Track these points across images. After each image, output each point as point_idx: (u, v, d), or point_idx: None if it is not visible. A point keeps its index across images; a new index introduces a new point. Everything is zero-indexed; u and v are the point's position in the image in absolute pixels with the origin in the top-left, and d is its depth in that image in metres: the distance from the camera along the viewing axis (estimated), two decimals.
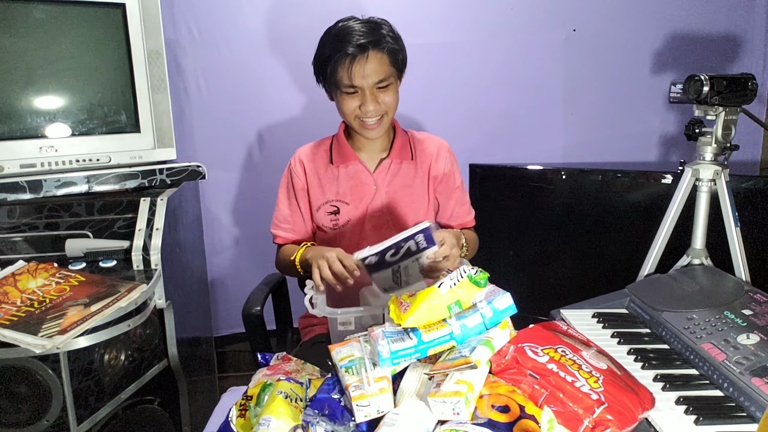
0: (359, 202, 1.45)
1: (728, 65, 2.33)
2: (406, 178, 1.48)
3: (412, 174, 1.48)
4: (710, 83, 1.39)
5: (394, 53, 1.36)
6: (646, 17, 2.26)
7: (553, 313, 1.22)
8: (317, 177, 1.47)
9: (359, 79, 1.32)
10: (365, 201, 1.45)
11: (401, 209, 1.46)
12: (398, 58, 1.38)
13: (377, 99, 1.36)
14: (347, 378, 0.89)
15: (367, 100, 1.34)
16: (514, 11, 2.22)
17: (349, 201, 1.45)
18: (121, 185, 1.52)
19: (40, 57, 1.48)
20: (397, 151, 1.47)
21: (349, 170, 1.46)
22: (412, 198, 1.47)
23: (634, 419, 0.81)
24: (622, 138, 2.37)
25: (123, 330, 1.24)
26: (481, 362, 0.85)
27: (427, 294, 0.92)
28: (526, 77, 2.29)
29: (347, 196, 1.45)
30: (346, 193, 1.46)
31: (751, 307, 1.09)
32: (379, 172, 1.46)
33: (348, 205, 1.45)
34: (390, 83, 1.36)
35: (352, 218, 1.45)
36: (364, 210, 1.46)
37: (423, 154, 1.50)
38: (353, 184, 1.46)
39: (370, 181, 1.46)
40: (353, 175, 1.46)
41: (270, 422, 0.85)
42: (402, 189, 1.47)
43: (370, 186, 1.46)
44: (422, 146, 1.51)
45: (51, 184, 1.45)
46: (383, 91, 1.36)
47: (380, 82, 1.34)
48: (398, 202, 1.46)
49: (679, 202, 1.55)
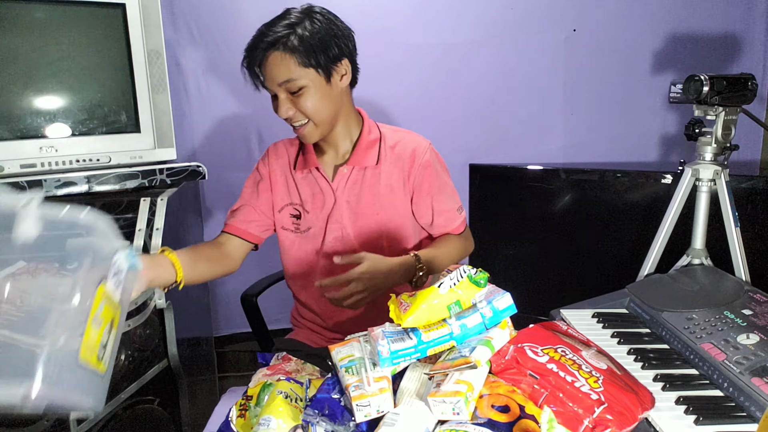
0: (319, 211, 1.33)
1: (728, 65, 2.33)
2: (371, 186, 1.31)
3: (379, 181, 1.31)
4: (710, 83, 1.39)
5: (304, 51, 1.17)
6: (646, 17, 2.26)
7: (553, 313, 1.22)
8: (283, 176, 1.36)
9: (267, 82, 1.21)
10: (325, 210, 1.32)
11: (364, 220, 1.32)
12: (313, 54, 1.18)
13: (293, 104, 1.21)
14: (347, 378, 0.89)
15: (278, 105, 1.21)
16: (514, 11, 2.22)
17: (309, 209, 1.34)
18: (121, 185, 1.52)
19: (40, 57, 1.48)
20: (358, 157, 1.31)
21: (309, 177, 1.34)
22: (379, 207, 1.31)
23: (634, 419, 0.81)
24: (622, 138, 2.37)
25: (123, 330, 1.24)
26: (481, 362, 0.85)
27: (427, 294, 0.92)
28: (526, 77, 2.29)
29: (308, 204, 1.34)
30: (307, 200, 1.34)
31: (751, 307, 1.09)
32: (338, 180, 1.31)
33: (309, 213, 1.34)
34: (303, 86, 1.18)
35: (313, 226, 1.34)
36: (325, 220, 1.33)
37: (394, 158, 1.32)
38: (313, 191, 1.34)
39: (328, 190, 1.32)
40: (313, 182, 1.34)
41: (270, 422, 0.85)
42: (366, 198, 1.31)
43: (330, 195, 1.32)
44: (394, 149, 1.33)
45: (51, 184, 1.45)
46: (299, 97, 1.20)
47: (286, 85, 1.18)
48: (361, 213, 1.31)
49: (679, 202, 1.55)
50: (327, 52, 1.20)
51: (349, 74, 1.26)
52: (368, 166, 1.31)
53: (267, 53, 1.17)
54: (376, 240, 1.32)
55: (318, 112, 1.22)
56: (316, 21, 1.20)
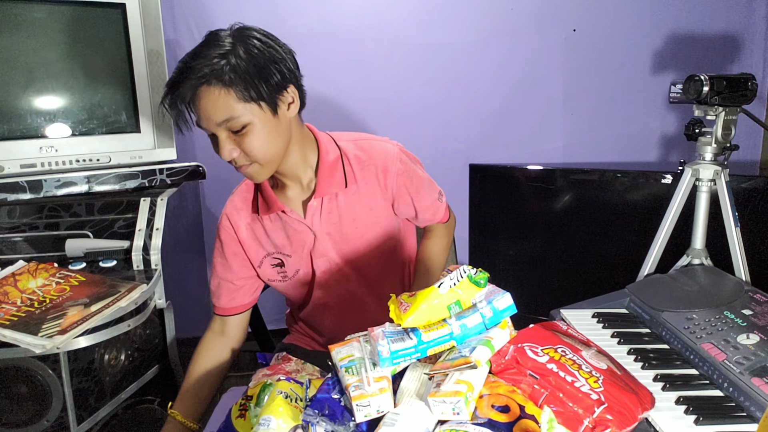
0: (301, 251, 1.22)
1: (728, 65, 2.33)
2: (349, 211, 1.20)
3: (356, 202, 1.20)
4: (710, 83, 1.39)
5: (242, 83, 1.00)
6: (646, 17, 2.26)
7: (553, 313, 1.22)
8: (250, 230, 1.23)
9: (201, 121, 1.04)
10: (307, 249, 1.22)
11: (351, 246, 1.23)
12: (253, 86, 1.01)
13: (236, 144, 1.04)
14: (347, 378, 0.89)
15: (220, 147, 1.04)
16: (514, 11, 2.22)
17: (290, 253, 1.22)
18: (121, 185, 1.52)
19: (40, 57, 1.48)
20: (325, 185, 1.17)
21: (279, 220, 1.21)
22: (363, 230, 1.23)
23: (634, 419, 0.81)
24: (622, 138, 2.37)
25: (123, 330, 1.24)
26: (481, 362, 0.85)
27: (427, 294, 0.92)
28: (526, 77, 2.29)
29: (287, 248, 1.22)
30: (285, 245, 1.22)
31: (751, 307, 1.09)
32: (311, 215, 1.19)
33: (291, 257, 1.23)
34: (247, 123, 1.02)
35: (300, 268, 1.24)
36: (308, 258, 1.23)
37: (365, 175, 1.20)
38: (288, 234, 1.21)
39: (304, 228, 1.20)
40: (285, 225, 1.21)
41: (270, 422, 0.85)
42: (346, 224, 1.21)
43: (308, 233, 1.20)
44: (363, 166, 1.20)
45: (51, 184, 1.45)
46: (242, 137, 1.03)
47: (226, 124, 1.02)
48: (345, 240, 1.22)
49: (679, 202, 1.55)
50: (269, 81, 1.03)
51: (296, 101, 1.10)
52: (339, 192, 1.19)
53: (197, 90, 1.00)
54: (368, 261, 1.26)
55: (266, 151, 1.06)
56: (251, 46, 1.03)
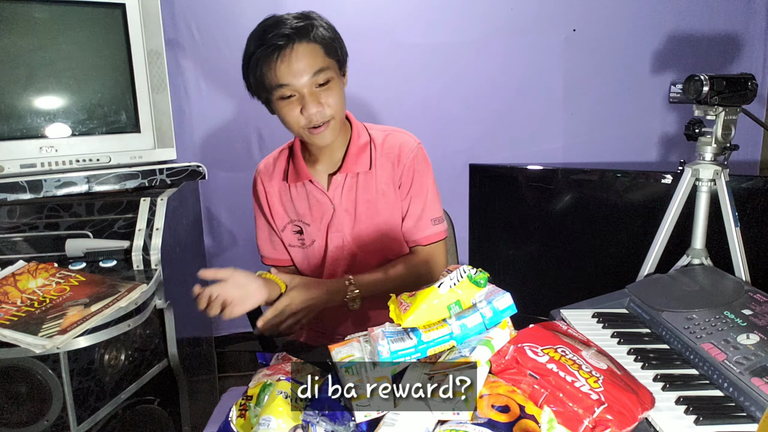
0: (319, 222, 1.31)
1: (728, 65, 2.33)
2: (365, 191, 1.29)
3: (373, 185, 1.28)
4: (710, 83, 1.39)
5: (329, 43, 1.16)
6: (646, 17, 2.26)
7: (553, 313, 1.22)
8: (278, 195, 1.34)
9: (290, 77, 1.13)
10: (325, 221, 1.30)
11: (361, 226, 1.30)
12: (335, 48, 1.18)
13: (319, 100, 1.15)
14: (347, 378, 0.89)
15: (308, 103, 1.14)
16: (514, 11, 2.22)
17: (309, 222, 1.32)
18: (121, 185, 1.52)
19: (40, 57, 1.48)
20: (351, 163, 1.27)
21: (304, 189, 1.31)
22: (374, 212, 1.29)
23: (634, 419, 0.81)
24: (622, 138, 2.37)
25: (123, 330, 1.24)
26: (481, 362, 0.85)
27: (427, 294, 0.92)
28: (526, 77, 2.29)
29: (307, 217, 1.32)
30: (306, 214, 1.32)
31: (751, 307, 1.09)
32: (333, 189, 1.28)
33: (309, 226, 1.32)
34: (330, 78, 1.16)
35: (316, 239, 1.32)
36: (325, 230, 1.31)
37: (383, 160, 1.29)
38: (311, 203, 1.31)
39: (326, 200, 1.29)
40: (309, 194, 1.31)
41: (270, 422, 0.85)
42: (361, 204, 1.29)
43: (328, 205, 1.29)
44: (384, 151, 1.29)
45: (51, 184, 1.45)
46: (325, 91, 1.15)
47: (317, 76, 1.13)
48: (359, 219, 1.30)
49: (679, 202, 1.55)
50: (342, 47, 1.20)
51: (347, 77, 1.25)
52: (361, 172, 1.28)
53: (294, 44, 1.12)
54: (373, 244, 1.31)
55: (341, 108, 1.19)
56: (323, 19, 1.19)
